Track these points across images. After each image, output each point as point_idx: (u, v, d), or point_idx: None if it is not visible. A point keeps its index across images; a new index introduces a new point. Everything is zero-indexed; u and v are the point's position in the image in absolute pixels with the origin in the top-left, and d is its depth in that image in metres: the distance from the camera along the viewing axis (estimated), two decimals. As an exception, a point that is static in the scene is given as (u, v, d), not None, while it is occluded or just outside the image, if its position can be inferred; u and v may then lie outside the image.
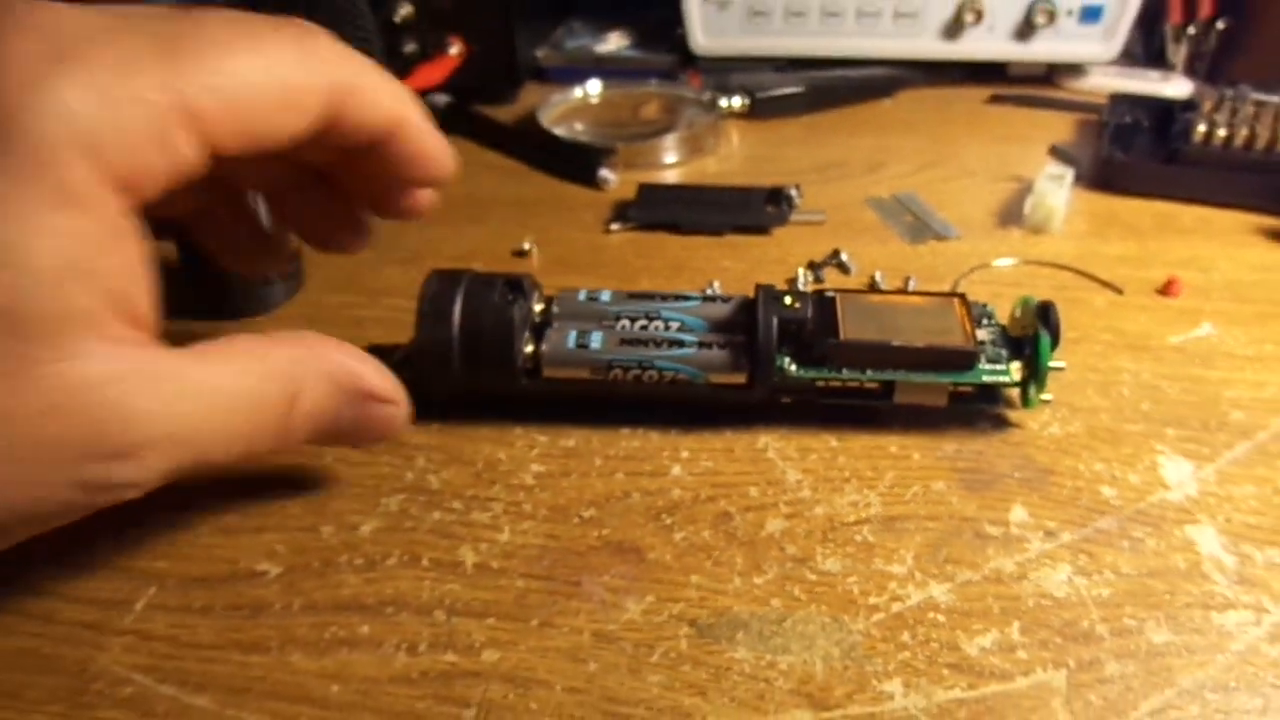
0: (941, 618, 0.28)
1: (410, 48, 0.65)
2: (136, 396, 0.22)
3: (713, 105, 0.63)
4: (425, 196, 0.34)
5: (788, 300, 0.34)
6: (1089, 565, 0.29)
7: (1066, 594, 0.28)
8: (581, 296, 0.37)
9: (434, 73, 0.63)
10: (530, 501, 0.32)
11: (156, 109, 0.22)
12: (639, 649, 0.27)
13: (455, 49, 0.64)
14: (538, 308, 0.36)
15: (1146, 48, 0.70)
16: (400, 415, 0.30)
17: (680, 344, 0.34)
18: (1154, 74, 0.67)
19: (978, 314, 0.36)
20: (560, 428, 0.35)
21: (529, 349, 0.35)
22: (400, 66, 0.62)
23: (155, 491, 0.29)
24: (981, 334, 0.35)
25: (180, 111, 0.22)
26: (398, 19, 0.62)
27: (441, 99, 0.64)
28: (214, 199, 0.32)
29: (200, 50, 0.23)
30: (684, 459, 0.34)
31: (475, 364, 0.34)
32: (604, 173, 0.55)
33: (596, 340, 0.34)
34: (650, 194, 0.52)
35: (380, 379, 0.29)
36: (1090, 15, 0.64)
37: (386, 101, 0.27)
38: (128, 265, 0.23)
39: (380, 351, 0.38)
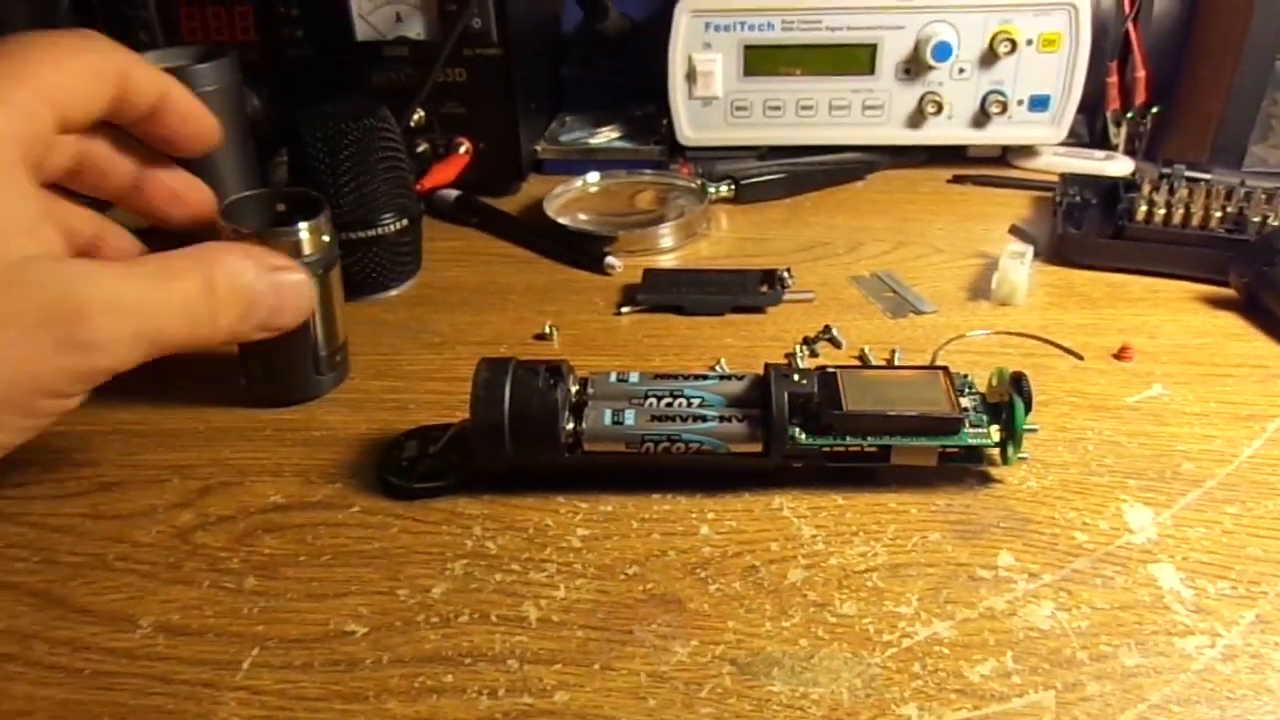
0: (946, 650, 0.32)
1: (422, 148, 0.70)
2: (93, 279, 0.32)
3: (702, 192, 0.68)
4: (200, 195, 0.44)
5: (796, 378, 0.40)
6: (1068, 601, 0.34)
7: (1050, 626, 0.33)
8: (612, 378, 0.42)
9: (447, 172, 0.68)
10: (580, 561, 0.37)
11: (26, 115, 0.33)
12: (689, 686, 0.31)
13: (464, 148, 0.70)
14: (574, 389, 0.41)
15: (1091, 129, 0.77)
16: (306, 281, 0.39)
17: (703, 419, 0.39)
18: (1099, 153, 0.74)
19: (960, 384, 0.41)
20: (598, 495, 0.40)
21: (570, 426, 0.39)
22: (416, 167, 0.67)
23: (246, 562, 0.34)
24: (964, 402, 0.40)
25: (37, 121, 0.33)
26: (412, 124, 0.68)
27: (451, 193, 0.69)
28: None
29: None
30: (710, 519, 0.39)
31: (524, 442, 0.39)
32: (610, 260, 0.60)
33: (630, 418, 0.39)
34: (655, 278, 0.57)
35: (281, 256, 0.39)
36: (1038, 104, 0.71)
37: (154, 76, 0.39)
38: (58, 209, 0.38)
39: (429, 431, 0.43)
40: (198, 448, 0.43)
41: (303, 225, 0.42)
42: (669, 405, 0.40)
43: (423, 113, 0.69)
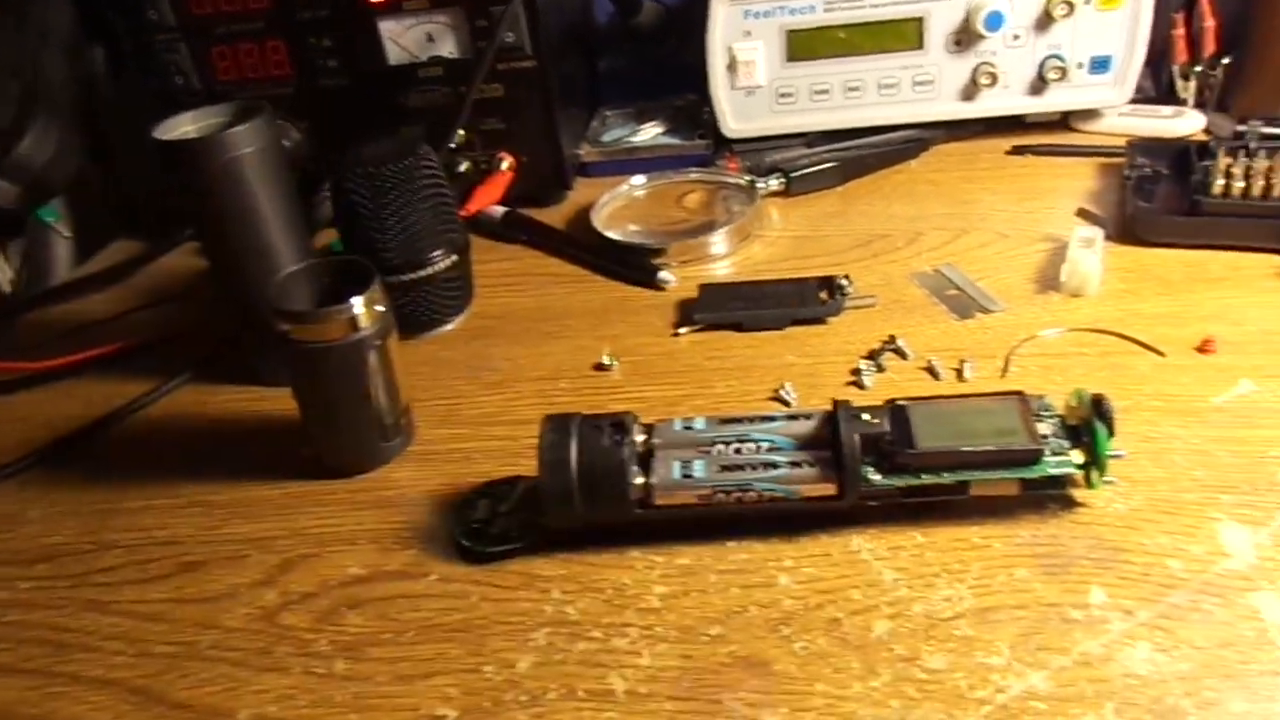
0: (1043, 705, 0.32)
1: (464, 166, 0.70)
2: None
3: (752, 189, 0.67)
4: None
5: (866, 416, 0.39)
6: (1166, 641, 0.33)
7: (1149, 671, 0.32)
8: (678, 426, 0.41)
9: (493, 192, 0.67)
10: (660, 624, 0.36)
11: None
12: (783, 761, 0.31)
13: (506, 163, 0.69)
14: (640, 438, 0.40)
15: (1156, 84, 0.73)
16: None
17: (774, 465, 0.39)
18: (1166, 110, 0.70)
19: (1037, 408, 0.40)
20: (673, 546, 0.40)
21: (639, 481, 0.39)
22: (459, 188, 0.67)
23: (333, 643, 0.34)
24: (1042, 428, 0.39)
25: None
26: (453, 145, 0.67)
27: (498, 210, 0.69)
28: None
29: None
30: (788, 568, 0.38)
31: (594, 501, 0.38)
32: (664, 275, 0.59)
33: (699, 469, 0.39)
34: (711, 294, 0.56)
35: None
36: (1100, 65, 0.68)
37: None
38: None
39: (498, 487, 0.43)
40: (273, 518, 0.44)
41: (357, 301, 0.42)
42: (738, 452, 0.40)
43: (462, 132, 0.68)
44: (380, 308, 0.43)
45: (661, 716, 0.33)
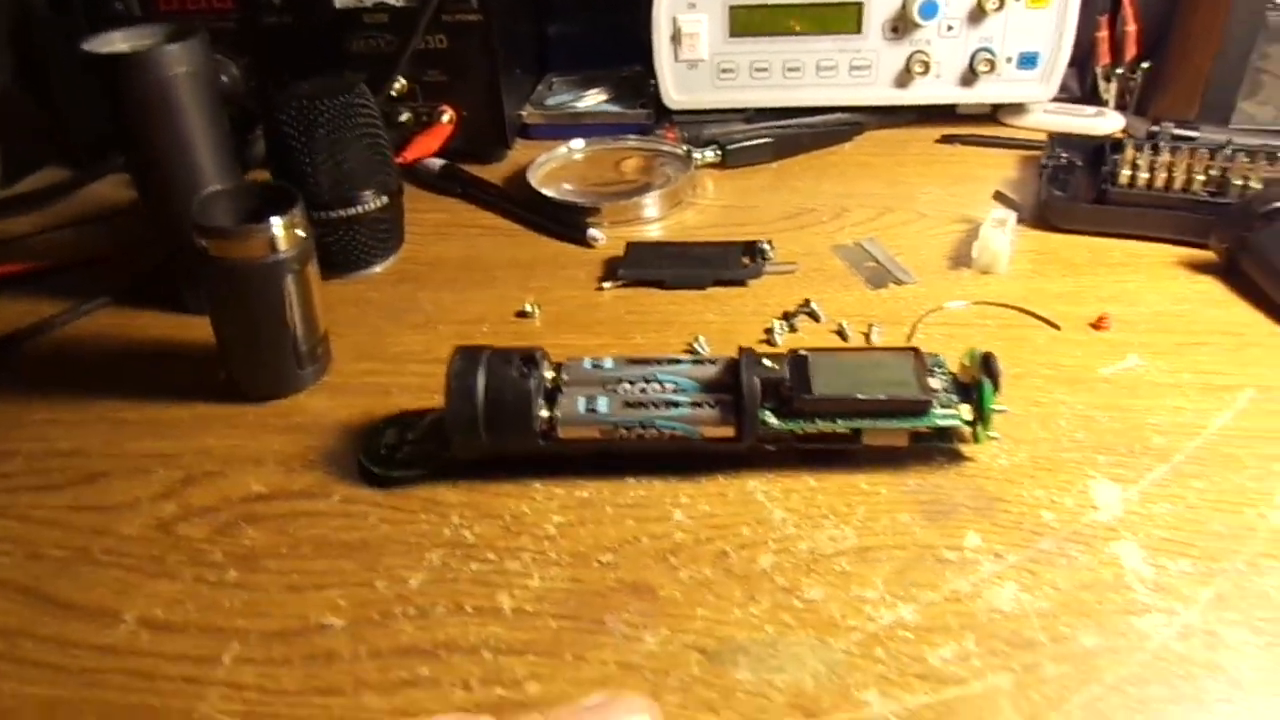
0: (909, 634, 0.33)
1: (405, 117, 0.70)
2: None
3: (688, 158, 0.68)
4: None
5: (766, 362, 0.40)
6: (1031, 582, 0.35)
7: (1013, 608, 0.34)
8: (587, 364, 0.42)
9: (431, 142, 0.68)
10: (554, 550, 0.37)
11: None
12: (658, 675, 0.32)
13: (447, 116, 0.69)
14: (549, 375, 0.41)
15: (1082, 85, 0.76)
16: None
17: (676, 405, 0.40)
18: (1089, 110, 0.73)
19: (931, 364, 0.41)
20: (575, 480, 0.41)
21: (544, 414, 0.40)
22: (398, 136, 0.67)
23: (227, 554, 0.35)
24: (934, 383, 0.40)
25: None
26: (394, 92, 0.67)
27: (436, 163, 0.69)
28: None
29: None
30: (683, 504, 0.39)
31: (499, 431, 0.39)
32: (593, 232, 0.60)
33: (604, 405, 0.40)
34: (637, 252, 0.57)
35: None
36: (1027, 61, 0.70)
37: None
38: None
39: (408, 418, 0.44)
40: (182, 436, 0.44)
41: (276, 221, 0.42)
42: (643, 391, 0.41)
43: (404, 81, 0.68)
44: (300, 233, 0.43)
45: (545, 633, 0.34)
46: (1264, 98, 0.66)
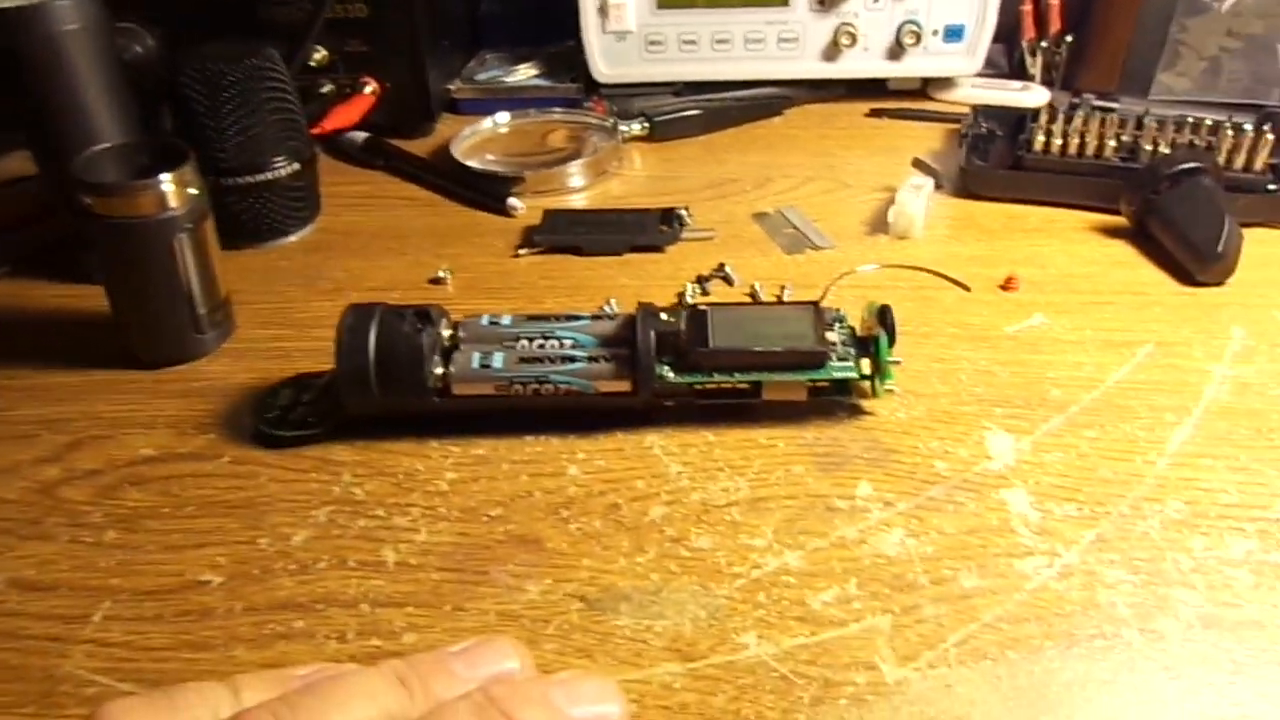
0: (792, 580, 0.33)
1: (326, 88, 0.69)
2: None
3: (615, 130, 0.68)
4: None
5: (664, 316, 0.39)
6: (918, 528, 0.35)
7: (898, 553, 0.34)
8: (484, 321, 0.41)
9: (350, 113, 0.67)
10: (445, 505, 0.37)
11: None
12: (536, 623, 0.32)
13: (369, 88, 0.68)
14: (446, 333, 0.41)
15: (1009, 60, 0.76)
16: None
17: (572, 359, 0.39)
18: (1015, 84, 0.73)
19: (831, 319, 0.41)
20: (472, 438, 0.40)
21: (439, 370, 0.39)
22: (317, 107, 0.66)
23: (108, 516, 0.34)
24: (832, 336, 0.40)
25: None
26: (313, 63, 0.66)
27: (359, 135, 0.68)
28: None
29: None
30: (580, 460, 0.39)
31: (391, 387, 0.39)
32: (512, 200, 0.59)
33: (498, 360, 0.39)
34: (554, 219, 0.57)
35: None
36: (953, 34, 0.70)
37: None
38: None
39: (306, 379, 0.43)
40: (71, 402, 0.43)
41: (165, 177, 0.41)
42: (540, 347, 0.40)
43: (325, 51, 0.67)
44: (193, 190, 0.42)
45: (426, 585, 0.33)
46: (1181, 69, 0.67)
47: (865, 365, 0.40)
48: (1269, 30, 0.64)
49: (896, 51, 0.71)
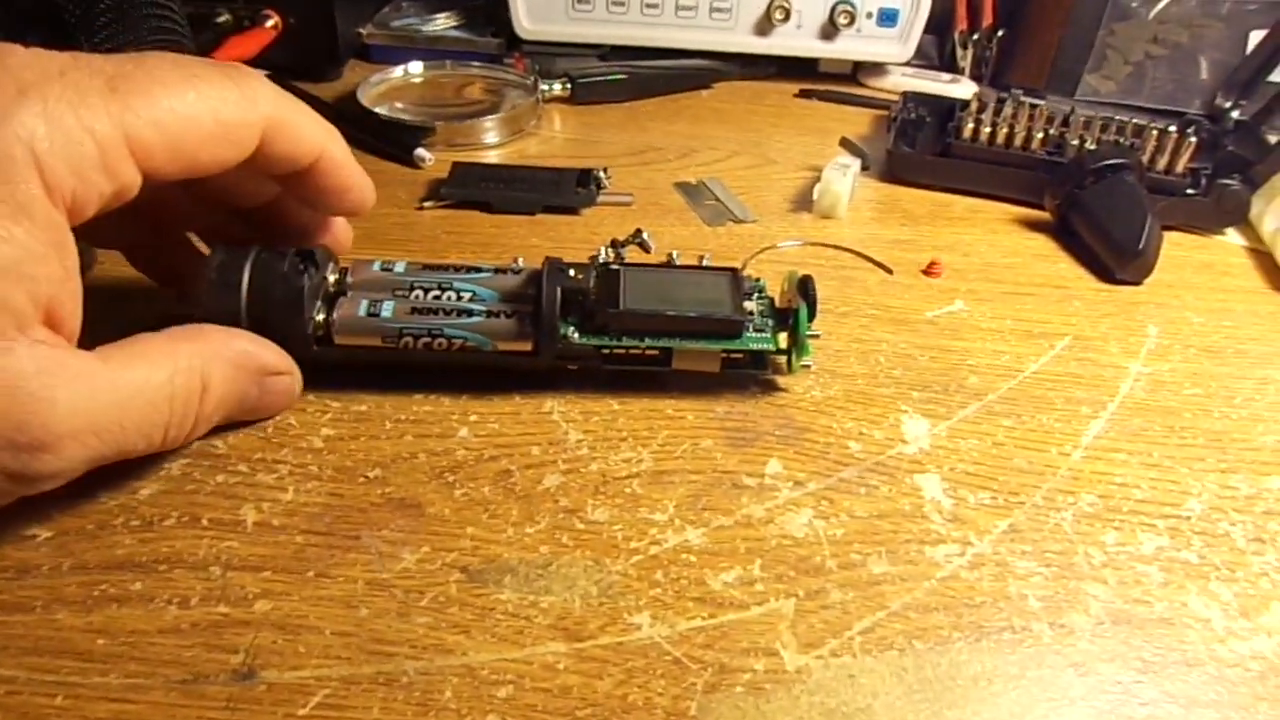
0: (693, 558, 0.31)
1: (223, 18, 0.63)
2: (58, 390, 0.25)
3: (535, 88, 0.64)
4: (344, 231, 0.38)
5: (572, 272, 0.37)
6: (828, 510, 0.33)
7: (805, 534, 0.32)
8: (376, 267, 0.38)
9: (246, 45, 0.62)
10: (318, 463, 0.33)
11: (102, 137, 0.25)
12: (409, 594, 0.29)
13: (271, 22, 0.63)
14: (332, 278, 0.37)
15: (940, 52, 0.76)
16: (294, 382, 0.35)
17: (469, 313, 0.36)
18: (945, 76, 0.73)
19: (750, 288, 0.39)
20: (354, 394, 0.37)
21: (320, 317, 0.35)
22: (211, 37, 0.61)
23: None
24: (750, 306, 0.38)
25: (122, 141, 0.25)
26: (211, -11, 0.61)
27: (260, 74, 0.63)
28: (150, 232, 0.37)
29: (144, 88, 0.26)
30: (472, 422, 0.36)
31: (265, 333, 0.35)
32: (420, 151, 0.56)
33: (388, 309, 0.36)
34: (464, 173, 0.53)
35: (275, 356, 0.33)
36: (887, 18, 0.69)
37: (310, 134, 0.31)
38: (61, 275, 0.26)
39: (172, 320, 0.38)
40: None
41: None
42: (435, 298, 0.37)
43: (224, -20, 0.62)
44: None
45: (289, 548, 0.30)
46: (1108, 72, 0.67)
47: (782, 339, 0.38)
48: (1193, 40, 0.65)
49: (830, 31, 0.70)
